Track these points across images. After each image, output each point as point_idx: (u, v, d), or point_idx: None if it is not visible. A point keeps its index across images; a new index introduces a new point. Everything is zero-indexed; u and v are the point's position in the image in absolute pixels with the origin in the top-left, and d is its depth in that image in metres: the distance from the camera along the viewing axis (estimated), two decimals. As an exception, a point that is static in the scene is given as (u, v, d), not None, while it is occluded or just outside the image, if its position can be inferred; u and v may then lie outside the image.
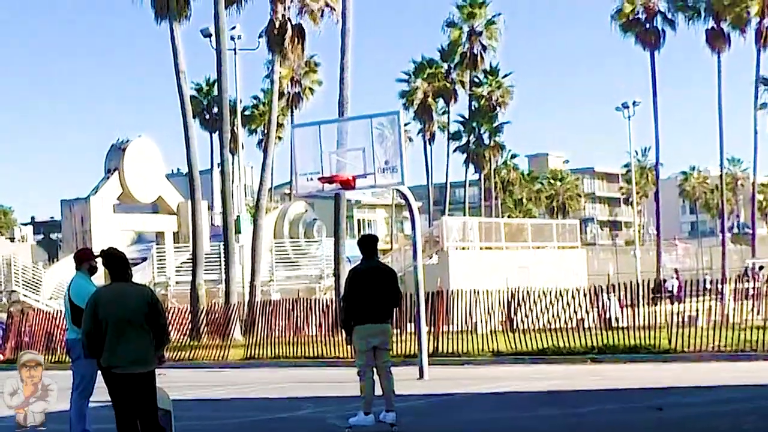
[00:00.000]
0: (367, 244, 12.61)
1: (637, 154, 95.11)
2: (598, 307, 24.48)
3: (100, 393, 11.28)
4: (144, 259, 46.63)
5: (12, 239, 67.04)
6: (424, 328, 20.99)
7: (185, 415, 13.05)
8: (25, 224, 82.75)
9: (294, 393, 18.44)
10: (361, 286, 12.25)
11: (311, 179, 19.98)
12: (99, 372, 11.06)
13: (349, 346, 22.51)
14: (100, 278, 12.03)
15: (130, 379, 10.33)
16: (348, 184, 19.64)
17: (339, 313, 26.97)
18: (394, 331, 17.18)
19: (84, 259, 12.05)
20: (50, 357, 29.29)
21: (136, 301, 10.43)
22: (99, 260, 12.18)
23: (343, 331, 13.56)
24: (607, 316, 24.56)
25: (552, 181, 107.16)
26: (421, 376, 19.93)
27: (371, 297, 12.20)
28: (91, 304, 10.52)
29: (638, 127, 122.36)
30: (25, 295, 43.55)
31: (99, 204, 44.71)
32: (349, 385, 15.09)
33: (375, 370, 12.33)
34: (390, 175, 19.56)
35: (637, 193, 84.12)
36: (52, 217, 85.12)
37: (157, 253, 46.27)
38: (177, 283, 45.19)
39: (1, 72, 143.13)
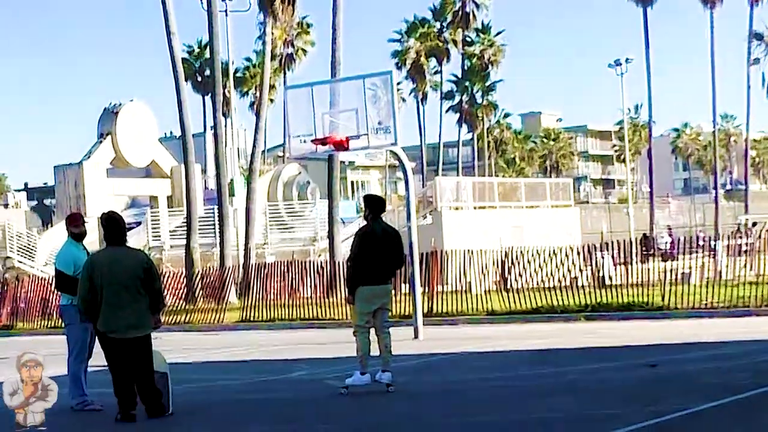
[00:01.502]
0: (376, 204, 12.53)
1: (629, 111, 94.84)
2: (591, 266, 24.55)
3: (98, 357, 11.34)
4: (138, 224, 46.60)
5: (6, 206, 66.91)
6: (419, 289, 21.06)
7: (181, 378, 13.11)
8: (19, 190, 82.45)
9: (290, 355, 18.50)
10: (371, 247, 12.19)
11: (304, 141, 19.95)
12: (95, 336, 11.12)
13: (343, 307, 22.64)
14: (94, 243, 12.04)
15: (126, 343, 10.39)
16: (341, 145, 19.60)
17: (333, 275, 27.06)
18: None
19: (72, 225, 11.96)
20: (46, 323, 29.42)
21: (131, 265, 10.47)
22: (87, 225, 12.19)
23: (346, 290, 13.53)
24: (601, 274, 24.63)
25: (545, 140, 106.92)
26: (416, 336, 20.02)
27: (379, 258, 12.17)
28: (86, 269, 10.56)
29: (631, 84, 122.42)
30: (20, 262, 43.59)
31: (92, 169, 44.63)
32: (344, 346, 15.16)
33: (372, 330, 12.35)
34: (383, 135, 19.53)
35: (630, 150, 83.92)
36: (45, 183, 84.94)
37: (152, 217, 46.26)
38: (171, 247, 45.17)
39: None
